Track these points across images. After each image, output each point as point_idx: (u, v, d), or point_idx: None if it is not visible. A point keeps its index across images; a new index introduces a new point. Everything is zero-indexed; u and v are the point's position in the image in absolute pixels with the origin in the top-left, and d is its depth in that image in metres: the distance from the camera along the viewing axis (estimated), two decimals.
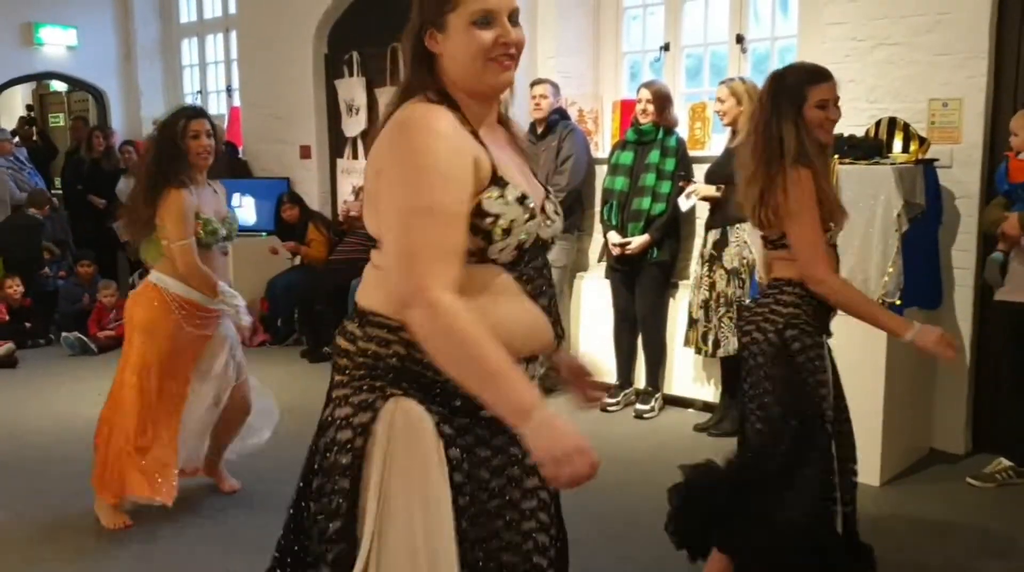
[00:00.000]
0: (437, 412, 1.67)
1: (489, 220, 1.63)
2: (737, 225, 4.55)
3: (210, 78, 9.19)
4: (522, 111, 5.64)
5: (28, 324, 7.16)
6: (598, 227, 5.44)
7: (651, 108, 4.98)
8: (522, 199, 1.67)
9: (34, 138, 10.14)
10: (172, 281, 3.67)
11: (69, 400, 5.70)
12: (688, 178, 4.92)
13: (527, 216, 1.67)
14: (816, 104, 2.69)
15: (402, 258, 1.58)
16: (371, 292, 1.73)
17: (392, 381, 1.67)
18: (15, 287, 7.16)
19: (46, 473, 4.38)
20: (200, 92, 9.26)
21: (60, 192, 8.96)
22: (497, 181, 1.65)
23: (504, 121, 1.84)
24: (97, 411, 5.36)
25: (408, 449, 1.64)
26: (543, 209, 1.75)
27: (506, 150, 1.77)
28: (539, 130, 5.40)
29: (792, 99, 2.70)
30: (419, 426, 1.65)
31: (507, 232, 1.64)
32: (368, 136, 7.05)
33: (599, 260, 5.43)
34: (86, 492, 4.07)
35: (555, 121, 5.37)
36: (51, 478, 4.30)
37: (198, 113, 3.69)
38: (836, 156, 4.12)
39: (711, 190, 4.70)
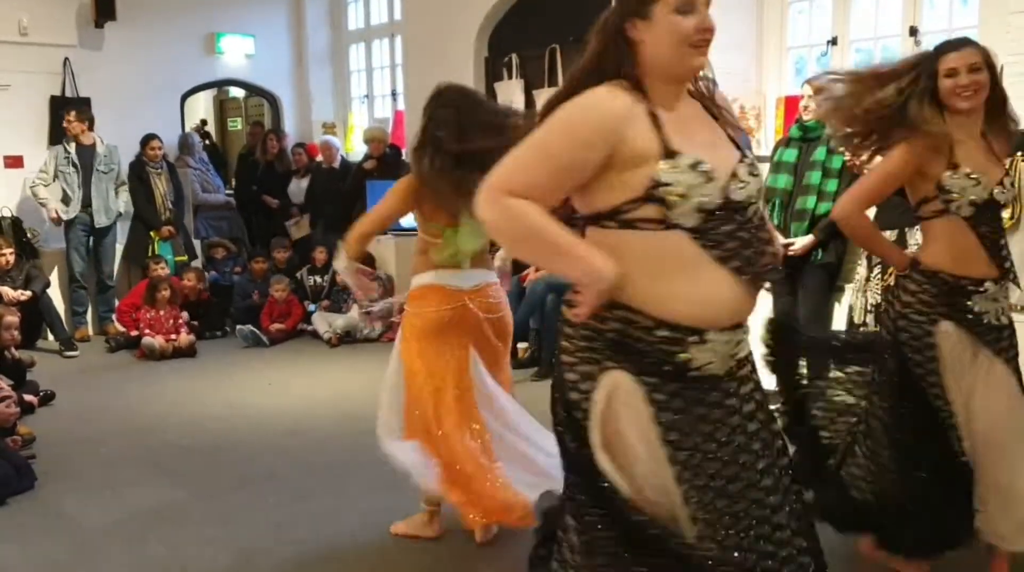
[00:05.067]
0: (648, 382, 1.87)
1: (663, 188, 1.82)
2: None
3: (376, 82, 9.52)
4: None
5: (196, 322, 7.48)
6: None
7: (813, 105, 4.81)
8: (695, 165, 1.83)
9: (207, 145, 10.76)
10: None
11: (242, 389, 6.04)
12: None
13: (701, 180, 1.83)
14: (945, 74, 2.78)
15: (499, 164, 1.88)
16: None
17: (609, 355, 1.89)
18: (191, 280, 7.65)
19: (220, 457, 4.65)
20: (367, 96, 9.60)
21: (233, 192, 9.50)
22: (669, 154, 1.83)
23: (700, 95, 2.01)
24: (267, 400, 5.69)
25: (624, 417, 1.87)
26: (735, 173, 1.89)
27: (695, 123, 1.95)
28: None
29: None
30: (632, 397, 1.87)
31: (684, 197, 1.82)
32: None
33: None
34: (255, 477, 4.31)
35: None
36: (224, 462, 4.56)
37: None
38: (1019, 153, 3.85)
39: None
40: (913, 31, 5.05)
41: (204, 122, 11.85)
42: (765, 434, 1.98)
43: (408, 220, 7.62)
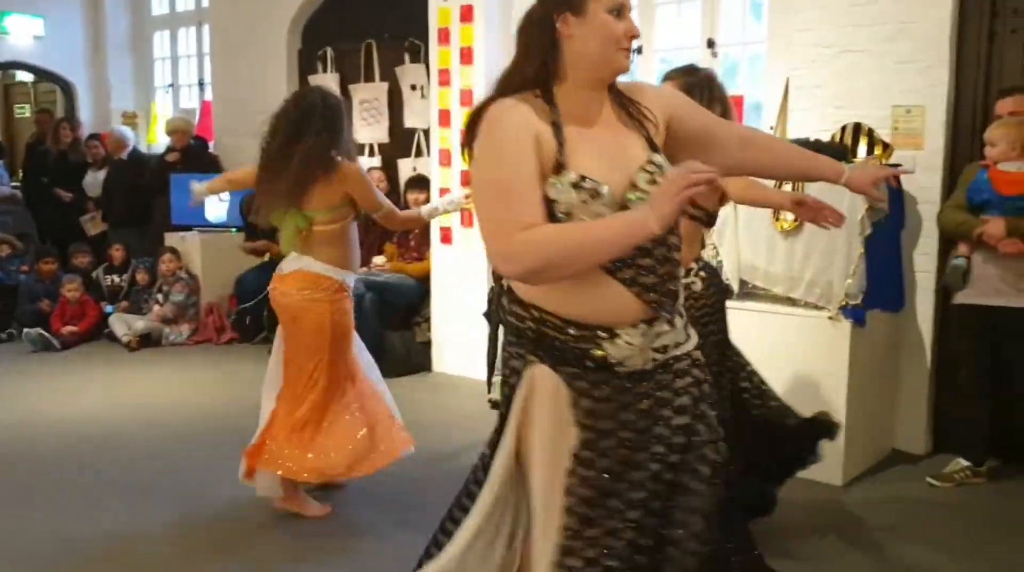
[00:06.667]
0: (567, 372, 1.88)
1: (553, 205, 1.83)
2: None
3: (182, 72, 9.12)
4: None
5: None
6: None
7: None
8: (578, 184, 1.82)
9: None
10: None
11: (29, 396, 5.64)
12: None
13: (586, 197, 1.81)
14: None
15: (485, 226, 1.87)
16: None
17: (531, 349, 1.92)
18: None
19: (5, 469, 4.33)
20: (171, 86, 9.19)
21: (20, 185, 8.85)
22: (558, 168, 1.83)
23: (620, 97, 1.99)
24: (61, 408, 5.33)
25: (540, 408, 1.90)
26: (633, 183, 1.86)
27: (601, 131, 1.92)
28: None
29: None
30: (549, 383, 1.89)
31: (568, 215, 1.83)
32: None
33: None
34: (47, 490, 4.04)
35: None
36: (10, 474, 4.26)
37: None
38: None
39: None
40: (711, 43, 5.37)
41: None
42: (700, 427, 1.93)
43: (218, 217, 7.40)
